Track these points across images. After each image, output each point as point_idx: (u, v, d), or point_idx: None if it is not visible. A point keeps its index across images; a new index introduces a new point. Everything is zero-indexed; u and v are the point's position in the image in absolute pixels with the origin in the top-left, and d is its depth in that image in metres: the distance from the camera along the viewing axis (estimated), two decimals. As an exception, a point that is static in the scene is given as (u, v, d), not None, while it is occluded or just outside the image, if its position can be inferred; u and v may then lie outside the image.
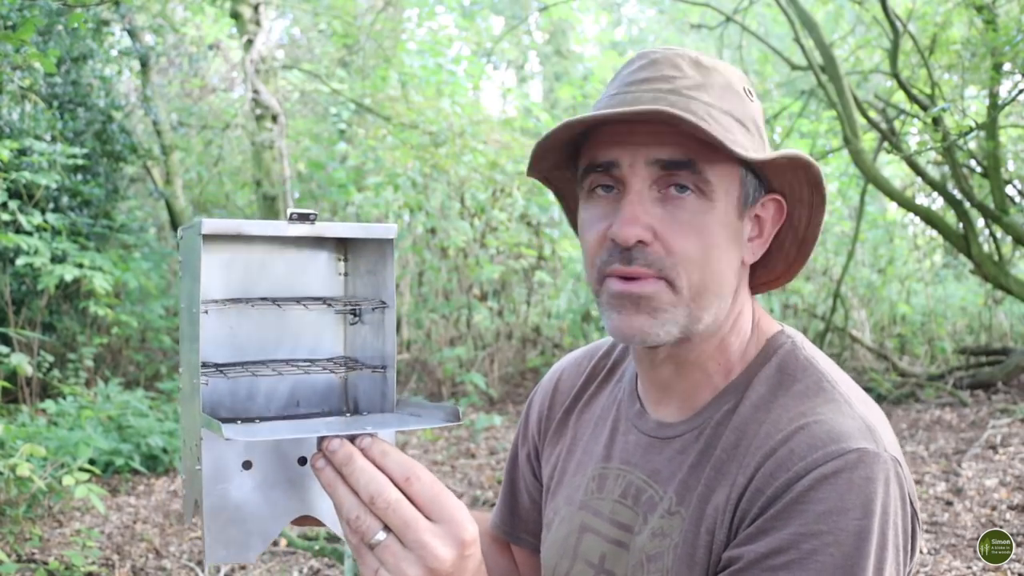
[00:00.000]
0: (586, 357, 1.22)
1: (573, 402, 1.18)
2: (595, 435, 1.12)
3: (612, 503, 1.03)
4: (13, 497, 3.66)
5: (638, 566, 0.97)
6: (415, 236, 7.76)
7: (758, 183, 0.95)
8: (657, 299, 0.91)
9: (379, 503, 0.74)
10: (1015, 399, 6.01)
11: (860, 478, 0.84)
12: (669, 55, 0.95)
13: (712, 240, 0.91)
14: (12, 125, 5.64)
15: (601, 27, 14.13)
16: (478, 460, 5.27)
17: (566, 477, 1.13)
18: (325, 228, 0.86)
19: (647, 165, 0.90)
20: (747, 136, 0.93)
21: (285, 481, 0.86)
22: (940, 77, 6.36)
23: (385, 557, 0.74)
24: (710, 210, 0.91)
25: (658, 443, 1.01)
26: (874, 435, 0.88)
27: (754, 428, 0.92)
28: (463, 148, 7.48)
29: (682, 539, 0.93)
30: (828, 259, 8.16)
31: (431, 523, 0.75)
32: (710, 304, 0.93)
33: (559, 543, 1.09)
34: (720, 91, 0.93)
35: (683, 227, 0.90)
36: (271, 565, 3.58)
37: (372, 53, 9.39)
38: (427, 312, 7.56)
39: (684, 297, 0.91)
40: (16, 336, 5.30)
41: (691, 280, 0.91)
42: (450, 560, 0.74)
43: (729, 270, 0.94)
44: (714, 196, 0.91)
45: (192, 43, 9.34)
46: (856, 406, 0.91)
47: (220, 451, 0.84)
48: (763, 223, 0.98)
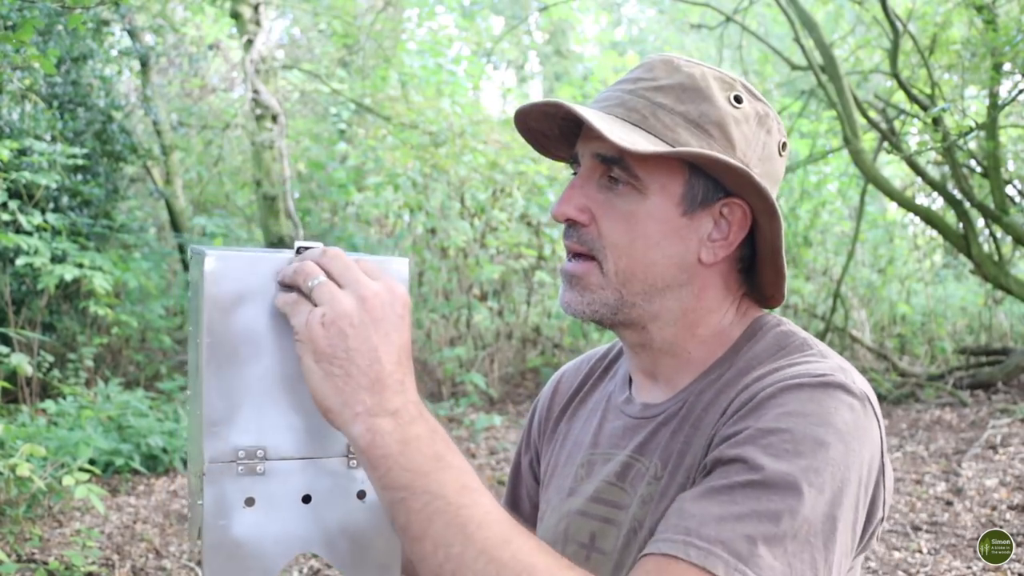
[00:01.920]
0: (584, 361, 1.26)
1: (569, 402, 1.22)
2: (585, 427, 1.15)
3: (599, 483, 1.05)
4: (13, 497, 3.66)
5: (630, 534, 0.98)
6: (415, 236, 7.76)
7: (715, 185, 0.97)
8: (586, 279, 0.99)
9: (325, 256, 0.80)
10: (1015, 399, 6.01)
11: (823, 394, 0.87)
12: (660, 58, 1.01)
13: (640, 231, 0.96)
14: (12, 125, 5.64)
15: (601, 27, 14.14)
16: (478, 460, 5.27)
17: (557, 469, 1.16)
18: None
19: (591, 157, 0.98)
20: (696, 137, 0.95)
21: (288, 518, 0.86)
22: (940, 77, 6.36)
23: (321, 293, 0.77)
24: (641, 203, 0.96)
25: (643, 422, 1.05)
26: (845, 373, 0.91)
27: (734, 385, 0.96)
28: (463, 148, 7.48)
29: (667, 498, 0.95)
30: (828, 259, 8.17)
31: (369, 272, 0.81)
32: (643, 292, 0.98)
33: (551, 530, 1.11)
34: (680, 92, 0.97)
35: (614, 215, 0.97)
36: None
37: (372, 53, 9.39)
38: (427, 312, 7.56)
39: (611, 280, 0.98)
40: (16, 336, 5.30)
41: (617, 265, 0.97)
42: (383, 292, 0.79)
43: (666, 263, 0.98)
44: (647, 191, 0.96)
45: (192, 43, 9.34)
46: (832, 358, 0.95)
47: (223, 487, 0.83)
48: (730, 226, 0.99)
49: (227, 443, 0.83)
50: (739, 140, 0.97)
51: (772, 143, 1.00)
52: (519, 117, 1.02)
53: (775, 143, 1.01)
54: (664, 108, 0.96)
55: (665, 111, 0.95)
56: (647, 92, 0.97)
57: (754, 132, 0.98)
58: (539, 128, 1.04)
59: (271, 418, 0.85)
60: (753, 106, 0.99)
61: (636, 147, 0.91)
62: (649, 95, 0.97)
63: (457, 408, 6.56)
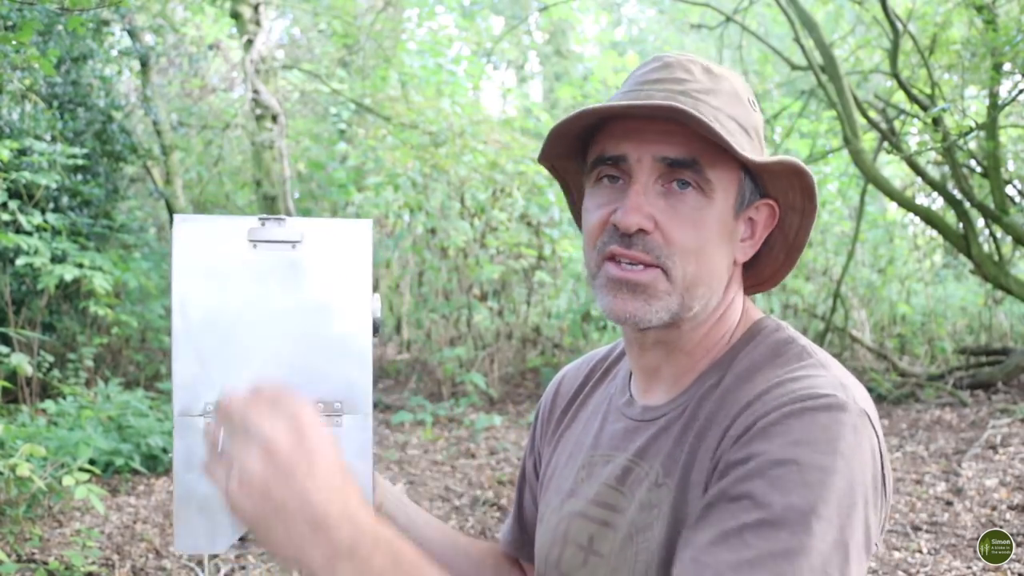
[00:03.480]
0: (585, 363, 1.26)
1: (570, 404, 1.22)
2: (586, 428, 1.15)
3: (599, 486, 1.05)
4: (13, 497, 3.66)
5: (627, 539, 0.98)
6: (415, 236, 7.76)
7: (754, 187, 1.01)
8: (653, 287, 0.96)
9: (221, 413, 0.76)
10: (1015, 399, 6.01)
11: (827, 418, 0.87)
12: (682, 60, 1.01)
13: (708, 235, 0.97)
14: (12, 125, 5.64)
15: (601, 27, 14.14)
16: (478, 460, 5.27)
17: (557, 471, 1.16)
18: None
19: (654, 161, 0.96)
20: (749, 141, 0.98)
21: None
22: (940, 77, 6.36)
23: (229, 458, 0.75)
24: (708, 206, 0.96)
25: (644, 425, 1.05)
26: (846, 390, 0.91)
27: (734, 394, 0.96)
28: (463, 148, 7.48)
29: (670, 508, 0.95)
30: (828, 259, 8.16)
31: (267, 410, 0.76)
32: (701, 295, 0.98)
33: (549, 532, 1.11)
34: (727, 97, 0.99)
35: (683, 220, 0.96)
36: (271, 565, 3.58)
37: (372, 53, 9.39)
38: (427, 312, 7.56)
39: (678, 286, 0.97)
40: (16, 336, 5.30)
41: (686, 270, 0.96)
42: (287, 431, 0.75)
43: (722, 265, 0.99)
44: (713, 194, 0.96)
45: (192, 43, 9.34)
46: (833, 370, 0.95)
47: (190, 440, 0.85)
48: (755, 226, 1.03)
49: (195, 397, 0.87)
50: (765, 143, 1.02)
51: None
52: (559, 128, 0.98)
53: None
54: (722, 112, 0.96)
55: (724, 115, 0.96)
56: (701, 95, 0.97)
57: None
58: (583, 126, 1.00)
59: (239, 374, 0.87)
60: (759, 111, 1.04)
61: (757, 158, 0.94)
62: (704, 98, 0.97)
63: (457, 408, 6.56)
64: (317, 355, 0.89)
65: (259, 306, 0.88)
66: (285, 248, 0.89)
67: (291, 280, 0.90)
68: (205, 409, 0.87)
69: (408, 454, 5.44)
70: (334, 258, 0.90)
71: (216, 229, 0.89)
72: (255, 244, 0.89)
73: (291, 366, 0.89)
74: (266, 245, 0.90)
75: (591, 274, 1.01)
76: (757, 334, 1.03)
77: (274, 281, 0.90)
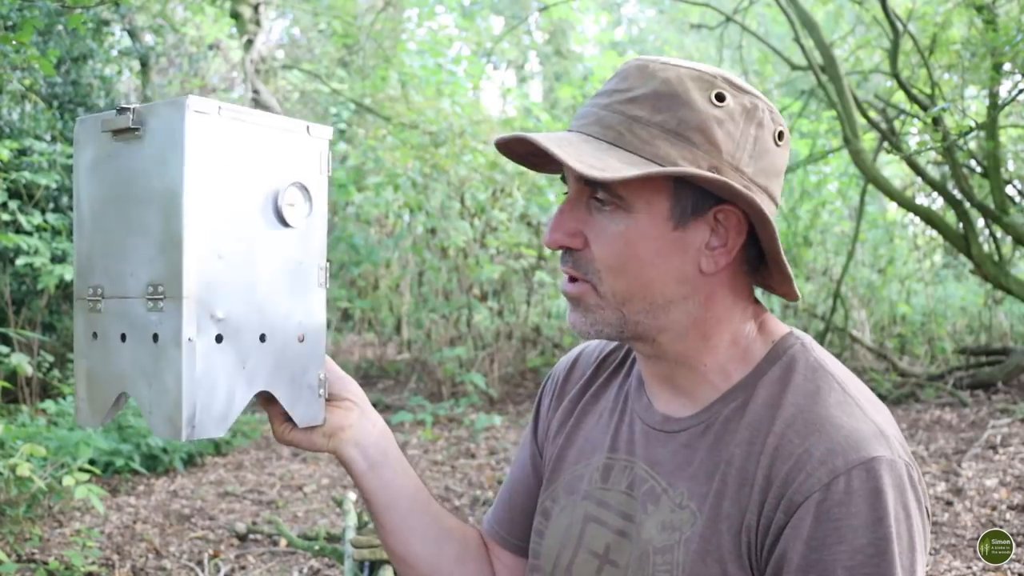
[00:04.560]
0: (598, 349, 1.22)
1: (581, 392, 1.19)
2: (600, 426, 1.13)
3: (618, 494, 1.04)
4: (13, 497, 3.65)
5: (644, 557, 0.97)
6: (415, 236, 7.76)
7: (702, 193, 0.94)
8: (584, 301, 0.98)
9: None
10: (1015, 399, 6.01)
11: (880, 486, 0.87)
12: (635, 64, 0.97)
13: (632, 251, 0.95)
14: (12, 125, 5.64)
15: (601, 27, 14.12)
16: (478, 460, 5.27)
17: (565, 465, 1.14)
18: None
19: (575, 180, 0.97)
20: (676, 147, 0.92)
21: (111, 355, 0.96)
22: (940, 77, 6.36)
23: None
24: (630, 222, 0.94)
25: (663, 436, 1.03)
26: (888, 441, 0.91)
27: (767, 426, 0.94)
28: (463, 148, 7.48)
29: (696, 535, 0.94)
30: (828, 259, 8.16)
31: None
32: (641, 309, 0.97)
33: (560, 532, 1.09)
34: (656, 101, 0.93)
35: (605, 237, 0.96)
36: (271, 565, 3.58)
37: (372, 53, 9.39)
38: (427, 312, 7.55)
39: (609, 301, 0.97)
40: (16, 336, 5.30)
41: (614, 287, 0.96)
42: None
43: (664, 279, 0.96)
44: (632, 209, 0.94)
45: (192, 43, 9.34)
46: (867, 409, 0.94)
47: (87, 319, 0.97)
48: (728, 232, 0.97)
49: (85, 282, 0.98)
50: (724, 141, 0.93)
51: (765, 136, 0.96)
52: (500, 149, 1.00)
53: (769, 135, 0.96)
54: (640, 121, 0.92)
55: (641, 124, 0.92)
56: (622, 105, 0.94)
57: (742, 129, 0.94)
58: (525, 151, 1.00)
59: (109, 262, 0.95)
60: (739, 101, 0.95)
61: (604, 175, 0.88)
62: (624, 108, 0.94)
63: (457, 408, 6.56)
64: (148, 240, 0.92)
65: (116, 196, 0.94)
66: (133, 136, 0.92)
67: (135, 167, 0.93)
68: (93, 292, 0.96)
69: (408, 454, 5.44)
70: (161, 140, 0.91)
71: (93, 125, 0.95)
72: (114, 135, 0.94)
73: (134, 252, 0.93)
74: (121, 135, 0.93)
75: None
76: (783, 354, 1.00)
77: (126, 170, 0.94)
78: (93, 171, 0.96)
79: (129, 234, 0.93)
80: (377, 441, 1.13)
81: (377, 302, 8.16)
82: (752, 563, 0.92)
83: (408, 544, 1.16)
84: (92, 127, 0.95)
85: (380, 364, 8.45)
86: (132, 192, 0.93)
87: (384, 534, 1.16)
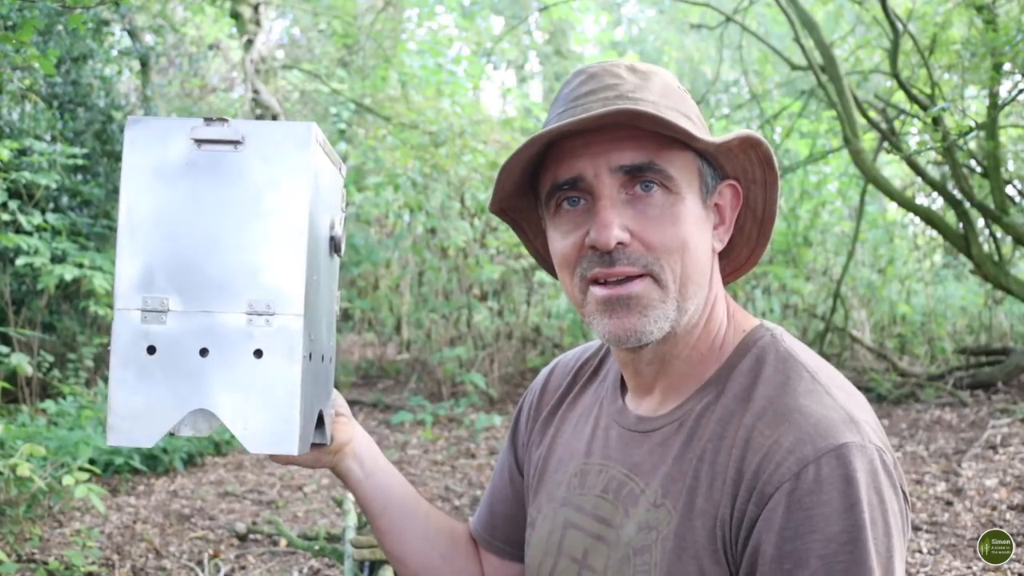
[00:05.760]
0: (574, 358, 1.24)
1: (559, 402, 1.20)
2: (577, 433, 1.14)
3: (594, 498, 1.04)
4: (13, 497, 3.65)
5: (624, 560, 0.97)
6: (415, 236, 7.76)
7: (713, 171, 0.99)
8: (646, 297, 0.94)
9: None
10: (1015, 399, 6.01)
11: (851, 473, 0.86)
12: (606, 66, 0.99)
13: (686, 229, 0.94)
14: (12, 125, 5.64)
15: (601, 27, 14.12)
16: (478, 460, 5.27)
17: (547, 475, 1.15)
18: None
19: (612, 172, 0.93)
20: (695, 128, 0.95)
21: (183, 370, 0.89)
22: (940, 77, 6.36)
23: None
24: (678, 202, 0.94)
25: (638, 437, 1.03)
26: (858, 427, 0.90)
27: (738, 419, 0.94)
28: (463, 148, 7.48)
29: (672, 532, 0.94)
30: (828, 259, 8.16)
31: None
32: (694, 294, 0.96)
33: (543, 541, 1.10)
34: (661, 90, 0.97)
35: (656, 221, 0.93)
36: (271, 565, 3.58)
37: (372, 53, 9.39)
38: (427, 312, 7.55)
39: (671, 290, 0.94)
40: (16, 336, 5.30)
41: (675, 271, 0.94)
42: None
43: (705, 257, 0.97)
44: (679, 188, 0.95)
45: (192, 43, 9.34)
46: (837, 396, 0.93)
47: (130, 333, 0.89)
48: (723, 210, 1.01)
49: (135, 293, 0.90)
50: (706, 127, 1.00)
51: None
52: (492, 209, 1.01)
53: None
54: (661, 105, 0.95)
55: (664, 107, 0.95)
56: (636, 94, 0.95)
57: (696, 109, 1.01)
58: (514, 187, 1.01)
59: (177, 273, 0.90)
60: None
61: (707, 138, 0.93)
62: (640, 95, 0.95)
63: (457, 408, 6.56)
64: (251, 256, 0.90)
65: (200, 207, 0.90)
66: (228, 149, 0.90)
67: (232, 181, 0.90)
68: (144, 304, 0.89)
69: (408, 454, 5.44)
70: (274, 159, 0.90)
71: (164, 130, 0.91)
72: (199, 144, 0.90)
73: (225, 267, 0.90)
74: (209, 145, 0.90)
75: (578, 304, 0.98)
76: (752, 346, 1.00)
77: (216, 182, 0.91)
78: (160, 177, 0.91)
79: (219, 248, 0.90)
80: (369, 450, 1.16)
81: (377, 302, 8.15)
82: (728, 557, 0.91)
83: (403, 544, 1.19)
84: (159, 131, 0.91)
85: (380, 364, 8.45)
86: (226, 206, 0.90)
87: (380, 536, 1.18)
